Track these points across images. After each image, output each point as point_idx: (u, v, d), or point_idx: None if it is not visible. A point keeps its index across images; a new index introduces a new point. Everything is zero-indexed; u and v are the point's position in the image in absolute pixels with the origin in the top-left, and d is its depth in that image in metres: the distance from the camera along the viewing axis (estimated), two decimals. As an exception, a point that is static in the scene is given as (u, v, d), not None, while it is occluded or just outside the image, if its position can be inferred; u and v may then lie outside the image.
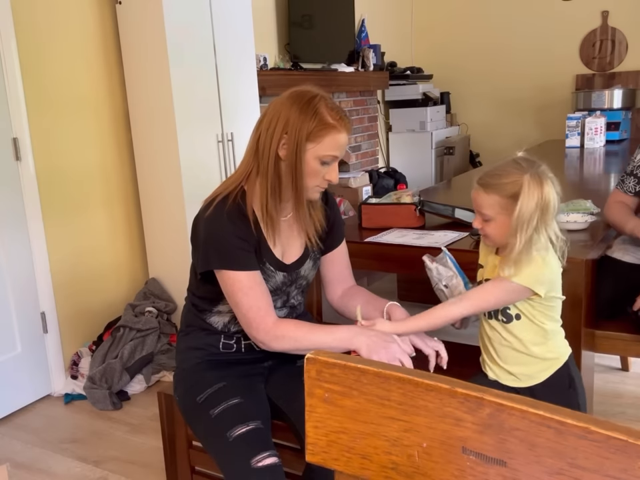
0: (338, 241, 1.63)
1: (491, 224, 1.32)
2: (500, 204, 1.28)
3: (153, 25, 2.74)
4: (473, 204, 1.36)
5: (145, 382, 2.70)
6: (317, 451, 0.68)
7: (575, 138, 4.25)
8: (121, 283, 3.05)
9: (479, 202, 1.32)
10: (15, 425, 2.49)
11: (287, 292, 1.54)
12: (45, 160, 2.68)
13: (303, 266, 1.54)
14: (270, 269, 1.47)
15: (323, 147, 1.38)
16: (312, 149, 1.38)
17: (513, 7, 5.40)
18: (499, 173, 1.30)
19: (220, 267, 1.40)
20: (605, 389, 2.44)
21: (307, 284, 1.60)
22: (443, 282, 1.49)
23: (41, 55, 2.65)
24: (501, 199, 1.28)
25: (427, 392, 0.60)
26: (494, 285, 1.34)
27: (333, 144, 1.38)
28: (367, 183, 4.37)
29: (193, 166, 2.88)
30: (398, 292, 3.51)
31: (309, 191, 1.43)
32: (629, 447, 0.50)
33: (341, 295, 1.65)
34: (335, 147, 1.39)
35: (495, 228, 1.31)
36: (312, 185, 1.42)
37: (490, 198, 1.29)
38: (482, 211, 1.32)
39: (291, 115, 1.38)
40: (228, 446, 1.33)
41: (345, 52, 4.64)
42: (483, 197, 1.31)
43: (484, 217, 1.32)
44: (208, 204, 1.43)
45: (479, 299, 1.36)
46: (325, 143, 1.38)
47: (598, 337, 1.91)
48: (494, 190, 1.29)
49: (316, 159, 1.39)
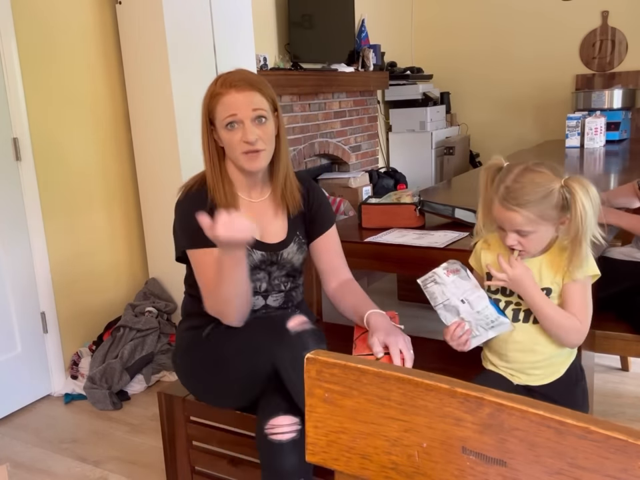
0: (323, 228, 1.64)
1: (531, 238, 1.28)
2: (540, 215, 1.25)
3: (153, 25, 2.74)
4: (502, 224, 1.30)
5: (145, 382, 2.70)
6: (316, 451, 0.68)
7: (574, 138, 4.25)
8: (120, 283, 3.05)
9: (515, 222, 1.26)
10: (15, 425, 2.49)
11: (268, 271, 1.56)
12: (45, 160, 2.68)
13: (286, 248, 1.56)
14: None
15: (219, 115, 1.46)
16: (217, 124, 1.48)
17: (512, 7, 5.40)
18: (526, 185, 1.25)
19: (188, 247, 1.50)
20: (604, 389, 2.44)
21: (293, 269, 1.60)
22: (460, 297, 1.35)
23: (40, 55, 2.65)
24: (540, 210, 1.24)
25: (427, 392, 0.60)
26: (578, 291, 1.31)
27: (224, 108, 1.45)
28: (367, 182, 4.37)
29: (193, 166, 2.87)
30: (398, 292, 3.51)
31: (239, 161, 1.48)
32: (629, 446, 0.50)
33: (335, 288, 1.65)
34: (227, 109, 1.44)
35: (536, 239, 1.29)
36: (236, 154, 1.47)
37: (529, 214, 1.25)
38: (522, 229, 1.27)
39: (203, 100, 1.51)
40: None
41: (345, 52, 4.64)
42: (518, 216, 1.25)
43: (523, 234, 1.28)
44: (180, 192, 1.56)
45: (586, 307, 1.32)
46: (219, 110, 1.46)
47: (598, 336, 1.91)
48: (532, 205, 1.24)
49: (222, 129, 1.47)
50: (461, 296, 1.35)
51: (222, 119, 1.46)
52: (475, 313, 1.34)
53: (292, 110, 3.98)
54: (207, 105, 1.49)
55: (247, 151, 1.46)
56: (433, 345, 1.83)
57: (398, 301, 3.45)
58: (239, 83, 1.45)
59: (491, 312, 1.33)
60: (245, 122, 1.44)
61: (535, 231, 1.27)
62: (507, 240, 1.30)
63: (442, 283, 1.37)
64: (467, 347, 1.38)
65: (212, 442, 1.65)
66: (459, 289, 1.35)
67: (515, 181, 1.26)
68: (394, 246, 1.97)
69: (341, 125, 4.62)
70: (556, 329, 1.31)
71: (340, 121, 4.60)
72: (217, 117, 1.47)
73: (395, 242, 1.98)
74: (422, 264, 1.91)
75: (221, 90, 1.46)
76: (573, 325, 1.30)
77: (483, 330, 1.35)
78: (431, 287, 1.38)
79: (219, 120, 1.47)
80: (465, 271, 1.39)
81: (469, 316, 1.35)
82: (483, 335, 1.36)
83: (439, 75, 5.67)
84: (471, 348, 1.39)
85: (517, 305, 1.37)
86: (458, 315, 1.36)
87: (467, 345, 1.37)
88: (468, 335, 1.36)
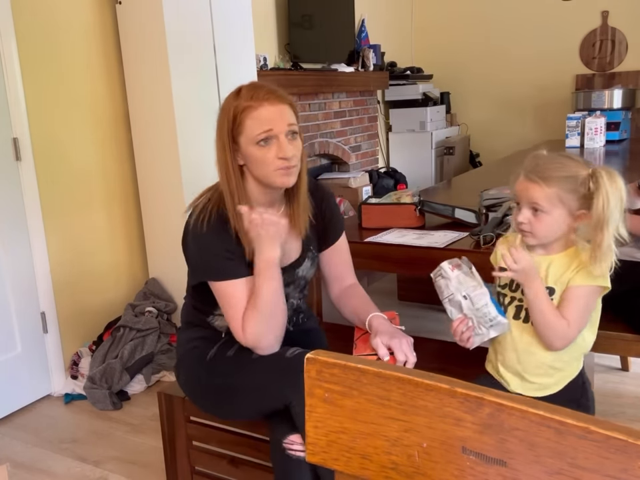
0: (334, 238, 1.61)
1: (543, 219, 1.26)
2: (560, 197, 1.23)
3: (153, 25, 2.74)
4: (520, 198, 1.28)
5: (145, 382, 2.70)
6: (317, 451, 0.68)
7: (574, 138, 4.25)
8: (120, 283, 3.05)
9: (533, 194, 1.25)
10: (15, 425, 2.49)
11: (285, 292, 1.54)
12: (45, 160, 2.68)
13: (300, 267, 1.53)
14: None
15: (250, 131, 1.34)
16: (243, 140, 1.36)
17: (512, 7, 5.40)
18: (555, 166, 1.25)
19: (209, 279, 1.41)
20: (604, 389, 2.44)
21: (305, 282, 1.60)
22: (462, 292, 1.35)
23: (41, 55, 2.65)
24: (562, 192, 1.23)
25: (427, 392, 0.60)
26: (580, 298, 1.28)
27: (257, 122, 1.34)
28: (367, 182, 4.37)
29: (193, 166, 2.88)
30: (398, 292, 3.51)
31: (270, 177, 1.37)
32: (629, 446, 0.50)
33: (338, 294, 1.64)
34: (261, 124, 1.33)
35: (548, 223, 1.26)
36: (268, 171, 1.36)
37: (550, 190, 1.23)
38: (538, 203, 1.25)
39: (217, 124, 1.40)
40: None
41: (345, 52, 4.64)
42: (538, 189, 1.24)
43: (538, 208, 1.25)
44: (192, 211, 1.43)
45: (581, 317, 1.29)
46: (248, 125, 1.34)
47: (598, 336, 1.90)
48: (556, 182, 1.23)
49: (252, 145, 1.35)
50: (464, 292, 1.34)
51: (254, 135, 1.34)
52: (475, 310, 1.34)
53: (292, 110, 3.97)
54: (232, 120, 1.35)
55: (281, 167, 1.35)
56: (433, 344, 1.83)
57: (398, 300, 3.45)
58: (270, 96, 1.34)
59: (490, 310, 1.32)
60: (280, 137, 1.34)
61: (548, 212, 1.25)
62: (519, 216, 1.28)
63: (447, 277, 1.37)
64: (469, 345, 1.37)
65: (212, 442, 1.65)
66: (462, 284, 1.35)
67: (546, 158, 1.28)
68: (394, 246, 1.97)
69: (341, 125, 4.62)
70: (544, 326, 1.28)
71: (340, 120, 4.60)
72: (246, 133, 1.35)
73: (395, 242, 1.98)
74: (422, 264, 1.91)
75: (251, 103, 1.33)
76: (561, 327, 1.27)
77: (485, 329, 1.35)
78: (439, 280, 1.39)
79: (248, 136, 1.35)
80: (470, 268, 1.38)
81: (470, 312, 1.35)
82: (485, 334, 1.35)
83: (439, 75, 5.67)
84: (475, 346, 1.38)
85: (520, 302, 1.35)
86: (461, 311, 1.36)
87: (470, 342, 1.36)
88: (470, 332, 1.35)
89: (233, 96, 1.38)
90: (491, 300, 1.34)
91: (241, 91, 1.37)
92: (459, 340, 1.37)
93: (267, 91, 1.35)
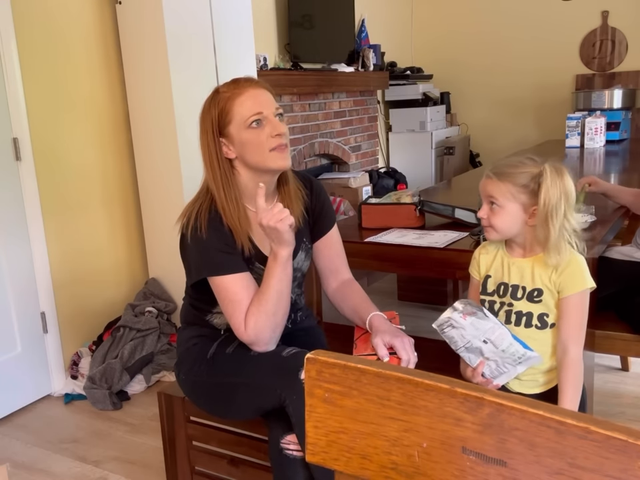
0: (327, 227, 1.62)
1: (499, 213, 1.33)
2: (512, 192, 1.31)
3: (153, 25, 2.74)
4: (481, 194, 1.37)
5: (144, 382, 2.70)
6: (316, 451, 0.68)
7: (574, 138, 4.25)
8: (120, 283, 3.05)
9: (490, 190, 1.34)
10: (14, 425, 2.49)
11: None
12: (45, 160, 2.68)
13: (294, 258, 1.53)
14: (260, 267, 1.46)
15: (240, 115, 1.37)
16: (233, 128, 1.38)
17: (512, 7, 5.40)
18: (513, 164, 1.33)
19: (209, 274, 1.40)
20: (604, 389, 2.44)
21: (301, 275, 1.60)
22: (481, 338, 1.29)
23: (41, 55, 2.65)
24: (513, 187, 1.30)
25: (427, 392, 0.60)
26: (576, 307, 1.32)
27: (246, 106, 1.37)
28: (367, 183, 4.37)
29: (193, 166, 2.88)
30: (398, 292, 3.52)
31: (267, 161, 1.39)
32: (629, 446, 0.50)
33: (335, 289, 1.63)
34: (250, 107, 1.37)
35: (503, 217, 1.33)
36: (264, 152, 1.38)
37: (503, 186, 1.31)
38: (493, 197, 1.33)
39: (200, 125, 1.44)
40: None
41: (345, 52, 4.64)
42: (494, 185, 1.33)
43: (494, 202, 1.33)
44: (187, 219, 1.42)
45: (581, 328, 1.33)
46: (237, 112, 1.38)
47: (598, 336, 1.91)
48: (508, 178, 1.31)
49: (244, 129, 1.37)
50: (482, 337, 1.30)
51: (245, 118, 1.36)
52: (500, 351, 1.30)
53: (292, 110, 3.97)
54: (218, 114, 1.39)
55: (277, 145, 1.37)
56: (432, 345, 1.83)
57: (398, 300, 3.45)
58: (251, 83, 1.39)
59: (516, 349, 1.29)
60: (270, 117, 1.38)
61: (503, 206, 1.32)
62: (480, 212, 1.37)
63: (460, 326, 1.32)
64: (494, 385, 1.36)
65: (212, 442, 1.65)
66: (479, 330, 1.30)
67: (508, 159, 1.36)
68: (394, 246, 1.97)
69: (341, 125, 4.62)
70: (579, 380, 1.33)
71: (340, 121, 4.60)
72: (236, 119, 1.37)
73: (394, 242, 1.98)
74: (422, 264, 1.91)
75: (235, 91, 1.37)
76: (576, 366, 1.32)
77: (511, 366, 1.32)
78: (449, 331, 1.34)
79: (238, 121, 1.37)
80: (482, 310, 1.34)
81: (494, 355, 1.31)
82: (511, 371, 1.33)
83: (439, 75, 5.67)
84: (501, 384, 1.37)
85: (509, 306, 1.37)
86: (482, 355, 1.33)
87: (495, 383, 1.36)
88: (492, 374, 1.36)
89: (211, 95, 1.44)
90: (513, 337, 1.31)
91: (219, 89, 1.42)
92: (479, 383, 1.35)
93: (245, 79, 1.41)
